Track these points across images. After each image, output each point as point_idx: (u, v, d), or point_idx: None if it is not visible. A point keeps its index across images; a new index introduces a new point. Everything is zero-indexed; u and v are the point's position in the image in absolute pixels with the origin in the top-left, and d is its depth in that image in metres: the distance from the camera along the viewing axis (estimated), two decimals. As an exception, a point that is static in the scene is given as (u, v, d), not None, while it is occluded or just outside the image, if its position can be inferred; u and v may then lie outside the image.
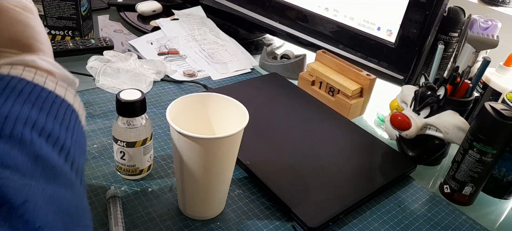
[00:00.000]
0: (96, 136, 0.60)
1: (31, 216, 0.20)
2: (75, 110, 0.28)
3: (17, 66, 0.27)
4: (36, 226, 0.20)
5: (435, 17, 0.68)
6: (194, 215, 0.49)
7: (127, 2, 1.08)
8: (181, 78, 0.80)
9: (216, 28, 0.99)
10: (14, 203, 0.19)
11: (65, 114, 0.27)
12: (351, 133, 0.67)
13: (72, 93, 0.30)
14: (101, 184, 0.52)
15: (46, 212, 0.21)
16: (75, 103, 0.29)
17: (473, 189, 0.56)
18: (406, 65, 0.73)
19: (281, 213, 0.52)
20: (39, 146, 0.23)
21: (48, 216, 0.21)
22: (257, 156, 0.58)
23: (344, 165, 0.59)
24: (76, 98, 0.30)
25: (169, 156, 0.59)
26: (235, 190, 0.55)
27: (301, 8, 0.86)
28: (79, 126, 0.28)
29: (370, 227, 0.52)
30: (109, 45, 0.84)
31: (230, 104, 0.49)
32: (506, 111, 0.52)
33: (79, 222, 0.23)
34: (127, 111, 0.49)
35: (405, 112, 0.61)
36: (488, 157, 0.53)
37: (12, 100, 0.24)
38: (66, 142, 0.25)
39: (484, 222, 0.56)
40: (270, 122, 0.67)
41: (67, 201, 0.23)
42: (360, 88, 0.74)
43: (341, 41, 0.82)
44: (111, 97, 0.70)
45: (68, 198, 0.23)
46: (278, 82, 0.79)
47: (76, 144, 0.27)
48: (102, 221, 0.47)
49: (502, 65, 0.68)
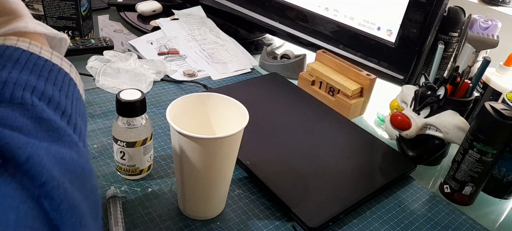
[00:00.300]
0: (96, 136, 0.60)
1: (36, 172, 0.20)
2: (72, 79, 0.28)
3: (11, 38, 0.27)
4: (42, 181, 0.20)
5: (435, 17, 0.68)
6: (194, 215, 0.49)
7: (127, 2, 1.08)
8: (181, 78, 0.80)
9: (216, 28, 0.99)
10: (19, 160, 0.19)
11: (64, 82, 0.27)
12: (351, 132, 0.67)
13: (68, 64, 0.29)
14: (101, 184, 0.52)
15: (51, 168, 0.20)
16: (71, 73, 0.29)
17: (473, 189, 0.56)
18: (406, 65, 0.73)
19: (281, 213, 0.52)
20: (41, 108, 0.23)
21: (53, 172, 0.20)
22: (257, 156, 0.58)
23: (344, 165, 0.59)
24: (72, 68, 0.30)
25: (169, 156, 0.59)
26: (235, 190, 0.55)
27: (301, 8, 0.86)
28: (78, 94, 0.28)
29: (370, 227, 0.52)
30: (109, 45, 0.84)
31: (230, 104, 0.49)
32: (506, 111, 0.52)
33: (84, 182, 0.23)
34: (127, 111, 0.49)
35: (405, 112, 0.61)
36: (488, 157, 0.53)
37: (9, 67, 0.23)
38: (67, 107, 0.25)
39: (484, 222, 0.56)
40: (270, 122, 0.67)
41: (72, 161, 0.22)
42: (360, 88, 0.74)
43: (341, 41, 0.82)
44: (111, 97, 0.70)
45: (72, 158, 0.22)
46: (278, 82, 0.79)
47: (77, 110, 0.26)
48: (102, 221, 0.47)
49: (502, 65, 0.68)
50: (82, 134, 0.26)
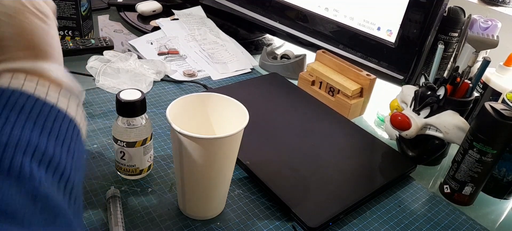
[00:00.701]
0: (96, 136, 0.60)
1: None
2: (77, 125, 0.29)
3: (19, 75, 0.27)
4: None
5: (435, 17, 0.68)
6: (194, 215, 0.49)
7: (127, 2, 1.08)
8: (181, 78, 0.80)
9: (216, 28, 0.99)
10: None
11: (67, 132, 0.27)
12: (351, 133, 0.67)
13: (75, 103, 0.30)
14: (101, 184, 0.52)
15: None
16: (77, 116, 0.29)
17: (473, 189, 0.56)
18: (406, 65, 0.73)
19: (281, 213, 0.52)
20: (39, 180, 0.23)
21: None
22: (257, 156, 0.58)
23: (344, 165, 0.59)
24: (78, 109, 0.30)
25: (169, 156, 0.59)
26: (235, 190, 0.55)
27: (301, 8, 0.86)
28: (80, 142, 0.29)
29: (370, 227, 0.52)
30: (109, 45, 0.84)
31: (230, 104, 0.49)
32: (506, 111, 0.52)
33: None
34: (127, 111, 0.49)
35: (405, 112, 0.61)
36: (488, 157, 0.53)
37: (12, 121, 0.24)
38: (66, 167, 0.26)
39: (484, 222, 0.56)
40: (270, 122, 0.67)
41: None
42: (360, 88, 0.74)
43: (341, 41, 0.82)
44: (111, 97, 0.70)
45: None
46: (278, 82, 0.79)
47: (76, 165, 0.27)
48: (102, 221, 0.47)
49: (502, 65, 0.68)
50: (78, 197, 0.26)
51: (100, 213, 0.48)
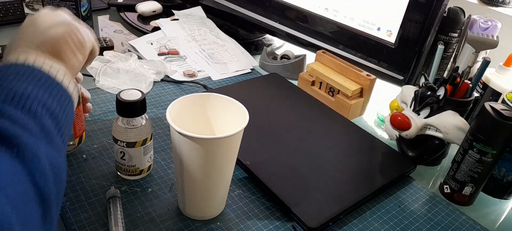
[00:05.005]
0: (96, 136, 0.60)
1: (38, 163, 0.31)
2: (71, 98, 0.39)
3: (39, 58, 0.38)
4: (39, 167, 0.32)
5: (435, 17, 0.68)
6: (194, 215, 0.49)
7: (127, 2, 1.08)
8: (181, 79, 0.80)
9: (216, 29, 0.99)
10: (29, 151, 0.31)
11: (65, 101, 0.38)
12: (351, 133, 0.67)
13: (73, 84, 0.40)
14: (101, 184, 0.52)
15: (45, 161, 0.32)
16: (74, 92, 0.40)
17: (473, 189, 0.56)
18: (406, 65, 0.73)
19: (281, 213, 0.52)
20: (45, 119, 0.35)
21: (45, 165, 0.32)
22: (257, 156, 0.58)
23: (344, 165, 0.59)
24: (75, 88, 0.41)
25: (169, 156, 0.59)
26: (235, 190, 0.55)
27: (301, 9, 0.86)
28: (71, 107, 0.39)
29: (370, 227, 0.52)
30: (109, 45, 0.84)
31: (230, 104, 0.49)
32: (506, 111, 0.52)
33: (61, 176, 0.34)
34: (127, 111, 0.49)
35: (405, 113, 0.61)
36: (488, 157, 0.53)
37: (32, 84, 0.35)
38: (61, 119, 0.37)
39: (484, 222, 0.56)
40: (270, 122, 0.67)
41: (56, 160, 0.34)
42: (360, 88, 0.74)
43: (341, 42, 0.82)
44: (111, 97, 0.70)
45: (57, 158, 0.34)
46: (278, 83, 0.79)
47: (66, 120, 0.38)
48: (102, 221, 0.47)
49: (502, 66, 0.68)
50: (65, 139, 0.38)
51: (100, 213, 0.48)
